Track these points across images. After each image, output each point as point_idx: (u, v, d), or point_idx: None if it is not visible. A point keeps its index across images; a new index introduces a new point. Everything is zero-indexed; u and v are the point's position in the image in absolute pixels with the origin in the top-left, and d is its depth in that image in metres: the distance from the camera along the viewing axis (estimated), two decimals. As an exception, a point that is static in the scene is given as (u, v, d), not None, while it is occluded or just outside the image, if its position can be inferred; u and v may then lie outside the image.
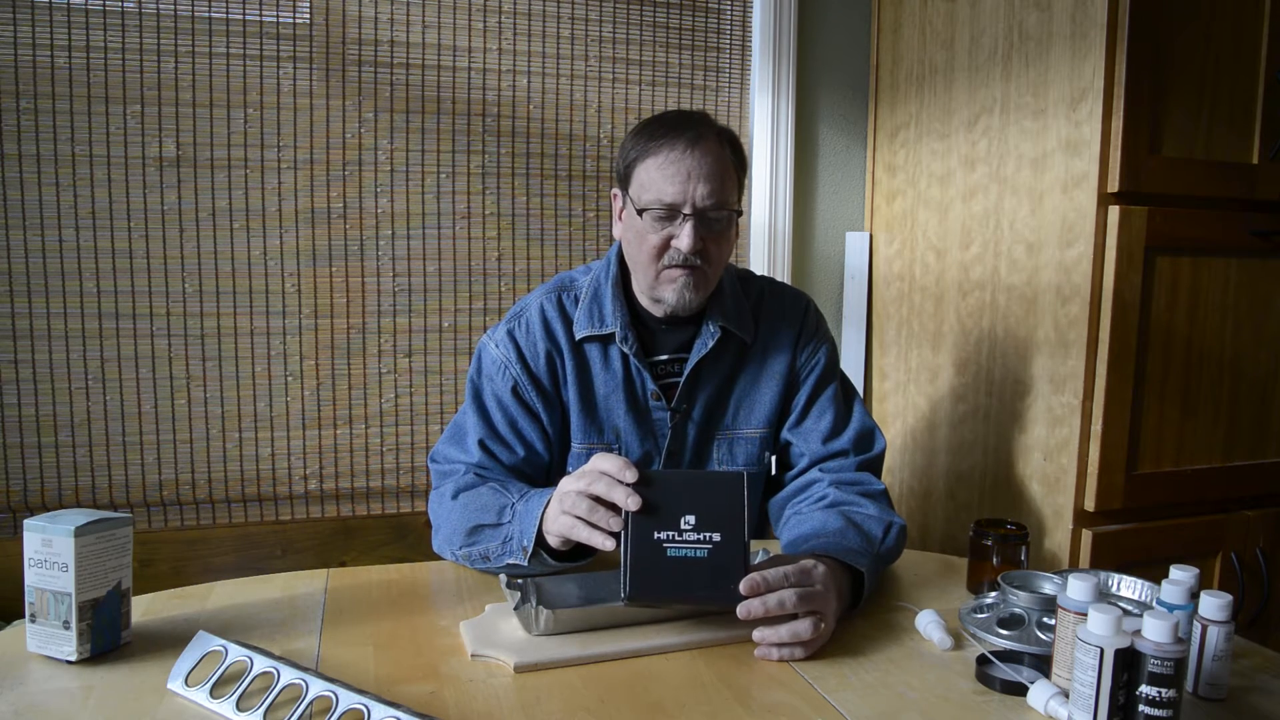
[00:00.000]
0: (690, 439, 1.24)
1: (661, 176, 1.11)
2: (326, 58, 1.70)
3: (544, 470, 1.24)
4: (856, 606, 1.03)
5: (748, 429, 1.25)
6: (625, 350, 1.20)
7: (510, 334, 1.23)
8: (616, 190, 1.22)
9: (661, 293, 1.17)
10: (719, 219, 1.14)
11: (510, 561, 1.06)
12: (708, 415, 1.24)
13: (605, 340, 1.22)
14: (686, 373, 1.21)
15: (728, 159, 1.14)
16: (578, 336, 1.21)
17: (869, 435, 1.25)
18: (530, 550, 1.02)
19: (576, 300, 1.24)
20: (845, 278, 2.06)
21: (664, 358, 1.23)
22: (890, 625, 1.00)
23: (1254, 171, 1.49)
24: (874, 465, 1.24)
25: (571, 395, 1.22)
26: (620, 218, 1.22)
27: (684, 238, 1.11)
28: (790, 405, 1.27)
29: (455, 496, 1.16)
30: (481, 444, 1.20)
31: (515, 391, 1.21)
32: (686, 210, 1.11)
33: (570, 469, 1.19)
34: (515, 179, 1.84)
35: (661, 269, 1.15)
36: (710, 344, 1.21)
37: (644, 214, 1.13)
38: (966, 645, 0.95)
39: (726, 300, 1.24)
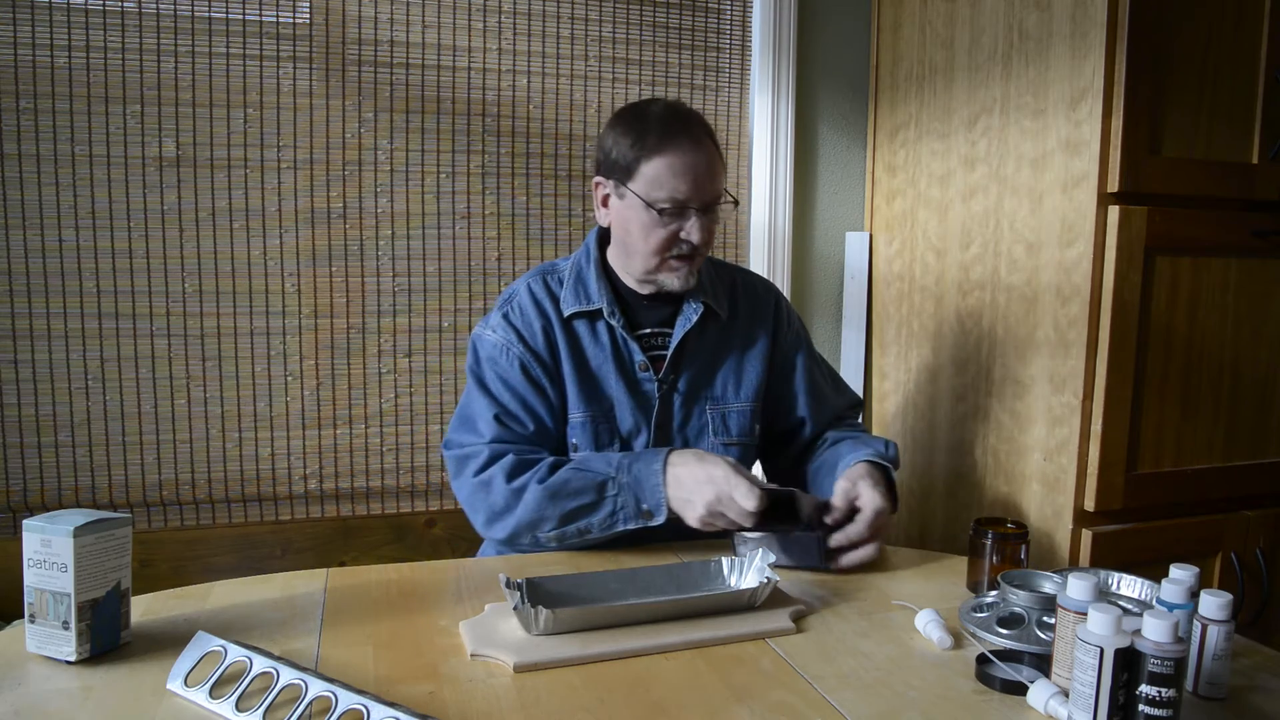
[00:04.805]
0: (676, 408, 1.31)
1: (673, 175, 1.20)
2: (326, 58, 1.70)
3: (553, 443, 1.28)
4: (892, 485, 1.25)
5: (738, 402, 1.35)
6: (613, 324, 1.28)
7: (505, 318, 1.29)
8: (600, 179, 1.27)
9: (664, 280, 1.26)
10: (720, 210, 1.26)
11: (622, 529, 1.19)
12: (692, 387, 1.32)
13: (592, 316, 1.29)
14: (673, 346, 1.30)
15: (717, 153, 1.26)
16: (565, 314, 1.28)
17: (856, 405, 1.47)
18: (660, 517, 1.16)
19: (561, 281, 1.31)
20: (845, 278, 2.06)
21: (647, 331, 1.31)
22: (890, 625, 1.00)
23: (1254, 171, 1.49)
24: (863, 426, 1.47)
25: (567, 367, 1.28)
26: (605, 204, 1.28)
27: (696, 232, 1.22)
28: (773, 380, 1.38)
29: (521, 485, 1.19)
30: (497, 419, 1.25)
31: (524, 369, 1.26)
32: (697, 206, 1.21)
33: (571, 439, 1.27)
34: (515, 179, 1.84)
35: (668, 258, 1.24)
36: (694, 319, 1.30)
37: (658, 211, 1.21)
38: (966, 644, 0.95)
39: (703, 277, 1.33)
